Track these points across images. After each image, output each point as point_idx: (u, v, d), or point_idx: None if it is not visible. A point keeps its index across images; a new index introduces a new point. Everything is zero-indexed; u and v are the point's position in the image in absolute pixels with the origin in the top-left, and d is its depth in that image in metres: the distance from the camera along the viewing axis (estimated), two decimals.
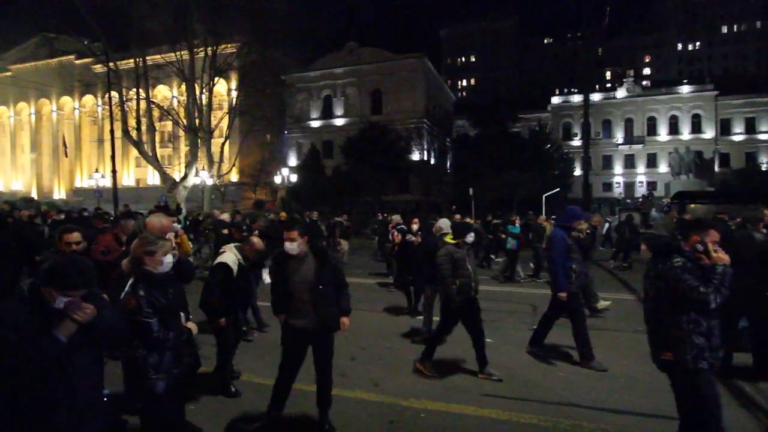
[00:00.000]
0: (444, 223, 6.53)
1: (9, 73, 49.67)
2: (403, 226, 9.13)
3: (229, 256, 4.44)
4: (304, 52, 39.73)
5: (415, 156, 37.88)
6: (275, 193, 38.60)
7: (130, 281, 2.78)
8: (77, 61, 44.30)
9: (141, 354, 2.72)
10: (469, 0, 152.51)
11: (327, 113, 45.00)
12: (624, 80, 54.40)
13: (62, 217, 12.97)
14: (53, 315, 1.97)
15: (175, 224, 5.28)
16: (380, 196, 32.84)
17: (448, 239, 5.06)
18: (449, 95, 54.88)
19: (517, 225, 11.63)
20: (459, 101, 60.95)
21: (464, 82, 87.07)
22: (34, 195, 49.50)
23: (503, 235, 11.73)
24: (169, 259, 2.85)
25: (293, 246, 3.50)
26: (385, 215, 16.80)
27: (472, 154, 33.58)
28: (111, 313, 2.23)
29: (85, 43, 26.63)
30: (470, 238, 4.92)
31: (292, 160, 43.08)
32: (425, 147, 39.53)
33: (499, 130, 33.98)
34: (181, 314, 3.02)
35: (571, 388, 4.56)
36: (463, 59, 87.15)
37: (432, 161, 40.54)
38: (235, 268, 4.41)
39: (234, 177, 41.82)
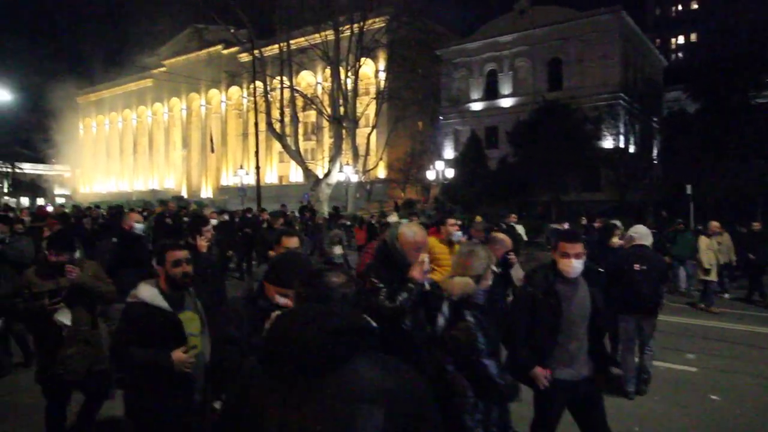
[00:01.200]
0: (640, 232, 5.65)
1: (163, 69, 59.09)
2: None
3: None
4: (463, 20, 39.39)
5: (608, 143, 34.85)
6: (428, 191, 39.08)
7: (443, 309, 2.75)
8: (224, 51, 50.79)
9: (470, 402, 2.58)
10: None
11: (491, 93, 44.03)
12: None
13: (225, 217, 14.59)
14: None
15: (457, 233, 5.38)
16: (559, 195, 31.04)
17: None
18: (658, 59, 49.45)
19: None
20: (672, 66, 54.59)
21: (680, 39, 77.60)
22: (184, 193, 58.10)
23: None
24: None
25: (577, 265, 3.21)
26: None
27: (692, 138, 29.58)
28: None
29: (232, 31, 30.08)
30: None
31: (449, 152, 43.12)
32: (621, 131, 36.11)
33: (735, 102, 29.34)
34: None
35: None
36: (679, 6, 77.79)
37: (631, 149, 36.88)
38: None
39: (381, 173, 43.53)
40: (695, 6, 76.51)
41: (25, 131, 55.40)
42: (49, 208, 17.04)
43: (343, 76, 27.21)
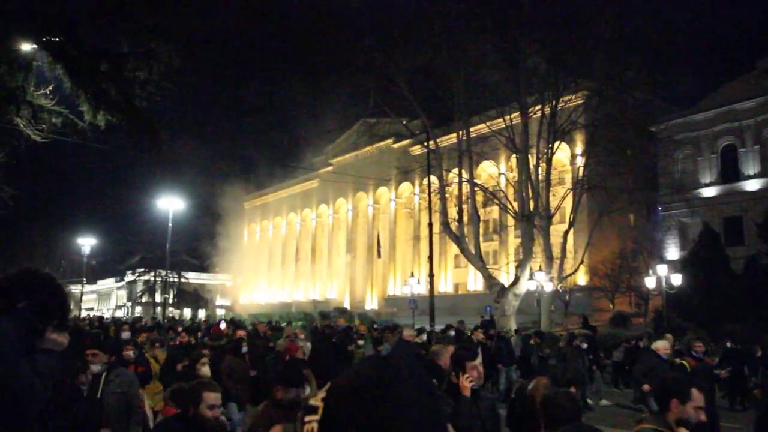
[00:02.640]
0: None
1: (330, 168, 65.78)
2: None
3: None
4: (684, 89, 38.56)
5: None
6: (646, 301, 36.99)
7: None
8: (395, 145, 55.21)
9: None
10: None
11: (729, 174, 41.67)
12: None
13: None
14: None
15: None
16: None
17: None
18: None
19: None
20: None
21: None
22: (347, 304, 61.77)
23: None
24: None
25: None
26: None
27: None
28: None
29: (404, 123, 33.01)
30: None
31: (672, 252, 40.83)
32: None
33: None
34: None
35: None
36: None
37: None
38: None
39: (582, 279, 42.30)
40: None
41: (194, 239, 65.30)
42: (222, 326, 19.37)
43: (532, 165, 27.91)
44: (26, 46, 12.78)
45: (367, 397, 2.01)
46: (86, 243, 56.41)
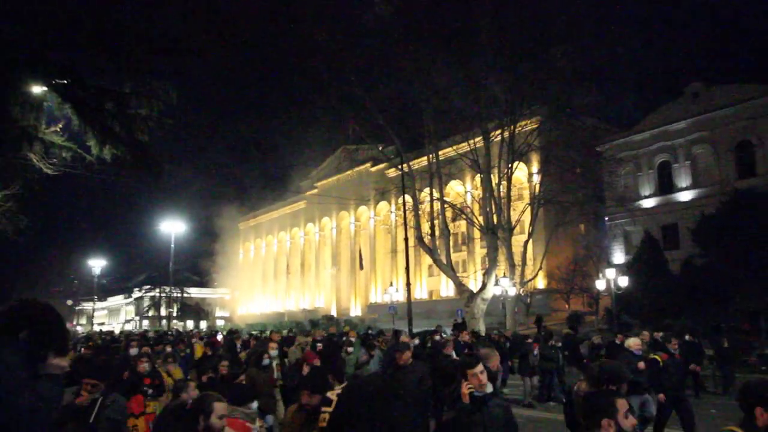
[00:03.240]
0: None
1: (315, 191, 66.13)
2: None
3: None
4: (624, 112, 39.62)
5: None
6: (597, 301, 37.61)
7: None
8: (372, 169, 55.77)
9: None
10: None
11: (665, 187, 42.53)
12: None
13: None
14: None
15: None
16: None
17: None
18: None
19: None
20: None
21: None
22: (334, 312, 61.91)
23: None
24: None
25: None
26: None
27: None
28: None
29: (380, 149, 33.45)
30: None
31: (618, 256, 41.62)
32: None
33: None
34: None
35: None
36: None
37: None
38: None
39: (540, 283, 42.94)
40: None
41: (194, 257, 65.02)
42: (219, 337, 19.54)
43: (494, 183, 28.25)
44: (37, 89, 12.99)
45: (372, 400, 2.72)
46: (96, 264, 56.27)
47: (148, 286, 71.19)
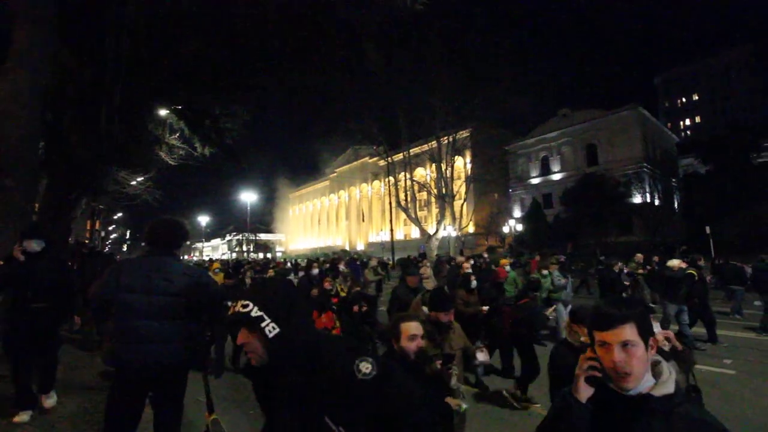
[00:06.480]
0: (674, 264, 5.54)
1: (335, 175, 65.40)
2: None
3: None
4: (524, 124, 39.37)
5: (637, 199, 31.78)
6: (504, 240, 38.02)
7: None
8: (370, 160, 55.03)
9: None
10: (686, 40, 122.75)
11: (545, 171, 42.66)
12: None
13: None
14: None
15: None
16: (601, 238, 28.65)
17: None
18: (670, 137, 44.69)
19: None
20: (683, 141, 48.79)
21: (687, 122, 69.31)
22: (347, 247, 62.01)
23: None
24: None
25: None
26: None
27: (706, 191, 26.16)
28: None
29: (375, 148, 32.96)
30: None
31: (517, 212, 41.96)
32: (647, 190, 32.76)
33: (740, 161, 25.61)
34: None
35: None
36: (683, 100, 69.97)
37: (656, 202, 33.17)
38: None
39: (471, 229, 43.22)
40: (696, 97, 68.41)
41: (262, 215, 64.46)
42: (288, 265, 19.26)
43: (444, 169, 28.17)
44: (163, 111, 12.65)
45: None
46: (203, 219, 55.75)
47: (235, 233, 70.82)
